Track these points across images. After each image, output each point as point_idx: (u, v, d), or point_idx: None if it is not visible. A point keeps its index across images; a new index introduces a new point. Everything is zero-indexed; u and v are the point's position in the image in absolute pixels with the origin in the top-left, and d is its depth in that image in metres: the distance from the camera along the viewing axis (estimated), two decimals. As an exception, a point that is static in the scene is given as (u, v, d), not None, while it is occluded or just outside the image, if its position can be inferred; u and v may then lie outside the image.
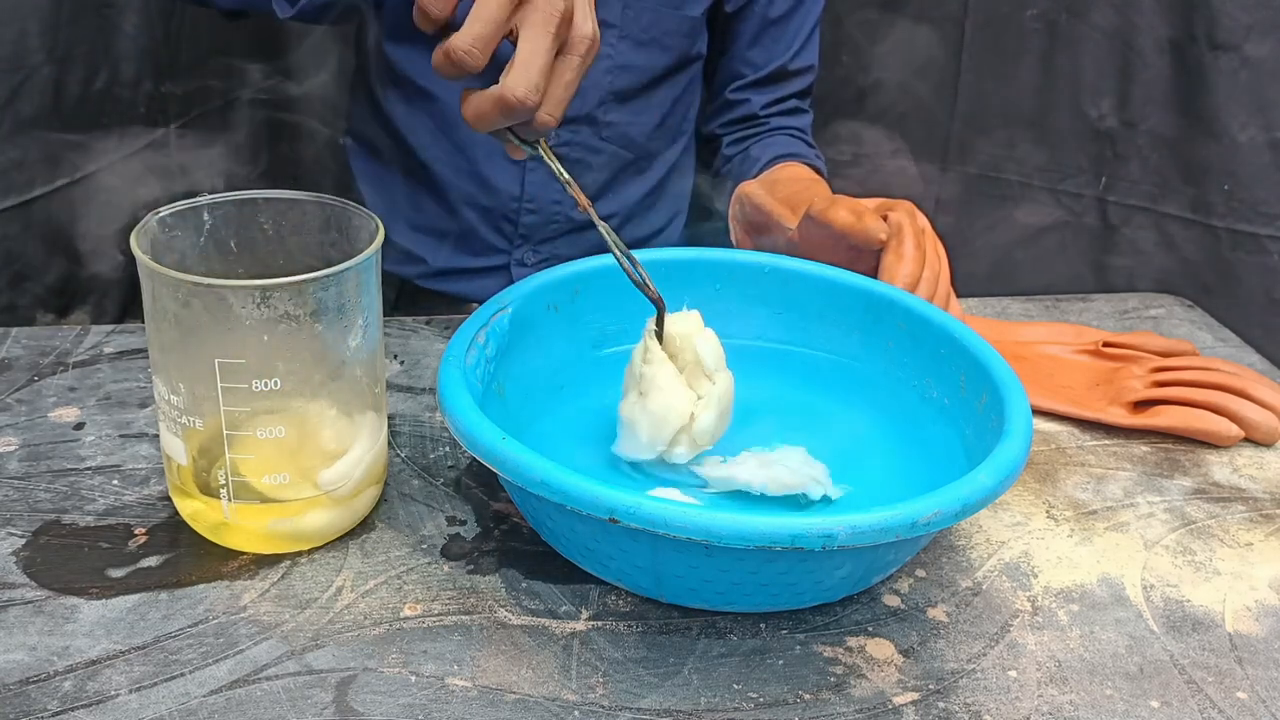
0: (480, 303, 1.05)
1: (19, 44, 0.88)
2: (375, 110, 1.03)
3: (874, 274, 0.73)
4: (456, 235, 1.03)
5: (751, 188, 0.89)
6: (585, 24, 0.56)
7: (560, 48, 0.55)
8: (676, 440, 0.61)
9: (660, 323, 0.61)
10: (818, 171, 1.02)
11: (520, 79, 0.53)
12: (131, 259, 0.52)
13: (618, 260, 0.59)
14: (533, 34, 0.54)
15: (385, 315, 0.60)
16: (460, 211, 1.02)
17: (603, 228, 0.59)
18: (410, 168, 1.02)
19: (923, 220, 0.76)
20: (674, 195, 1.12)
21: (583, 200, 0.58)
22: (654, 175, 1.08)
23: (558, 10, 0.54)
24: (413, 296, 1.06)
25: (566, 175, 0.58)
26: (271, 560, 0.57)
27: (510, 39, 0.55)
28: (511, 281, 1.04)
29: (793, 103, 1.07)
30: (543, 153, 0.58)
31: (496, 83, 0.54)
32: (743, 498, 0.61)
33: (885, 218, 0.75)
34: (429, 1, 0.54)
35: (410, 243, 1.04)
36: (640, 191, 1.07)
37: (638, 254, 0.71)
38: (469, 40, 0.53)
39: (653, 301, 0.61)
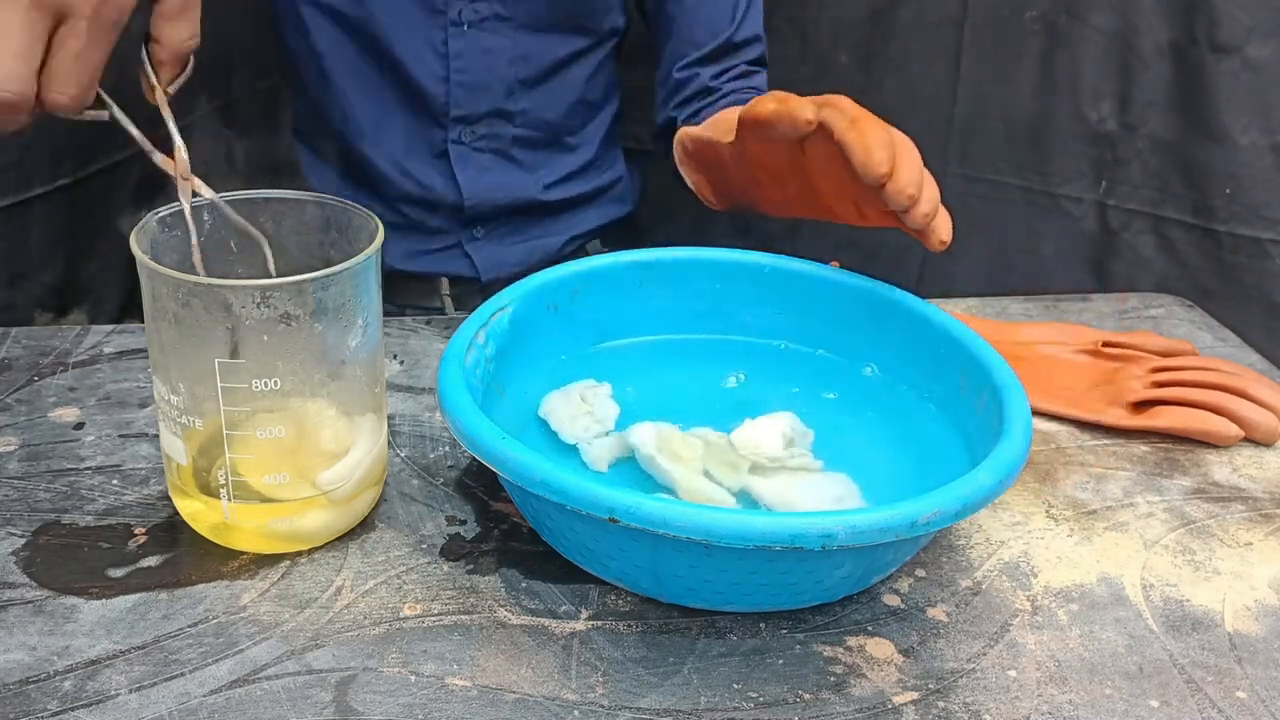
0: (439, 276, 1.05)
1: None
2: (310, 106, 1.03)
3: (820, 167, 0.68)
4: (405, 228, 1.04)
5: (688, 127, 0.86)
6: None
7: (59, 16, 0.50)
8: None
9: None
10: None
11: None
12: (129, 259, 0.52)
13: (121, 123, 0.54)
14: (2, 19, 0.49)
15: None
16: (403, 208, 1.02)
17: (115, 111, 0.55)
18: (350, 164, 1.03)
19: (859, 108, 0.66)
20: (607, 160, 1.11)
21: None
22: (586, 150, 1.07)
23: None
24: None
25: (128, 123, 0.55)
26: (271, 560, 0.57)
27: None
28: (468, 257, 1.04)
29: (743, 68, 1.03)
30: (112, 111, 0.54)
31: None
32: (744, 498, 0.61)
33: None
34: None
35: None
36: (577, 164, 1.07)
37: (626, 254, 0.71)
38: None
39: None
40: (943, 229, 0.64)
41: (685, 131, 0.86)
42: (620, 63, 1.11)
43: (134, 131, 0.55)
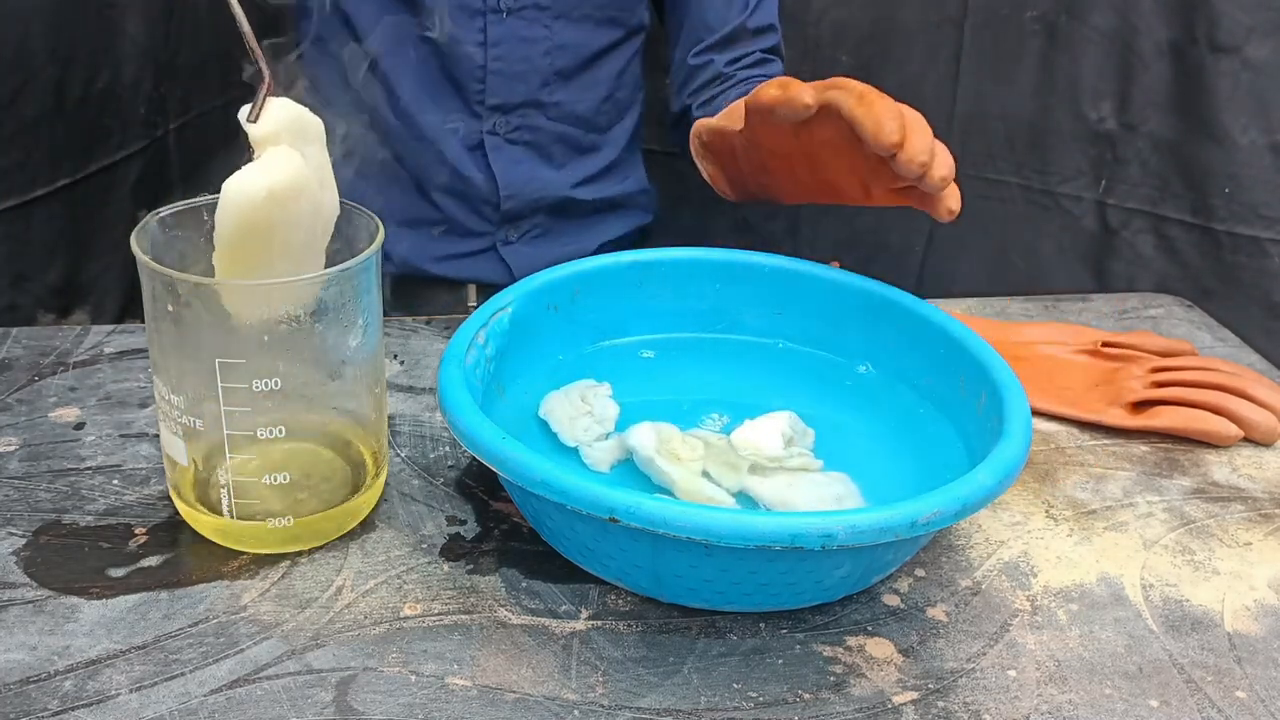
0: (469, 282, 1.05)
1: (21, 45, 0.88)
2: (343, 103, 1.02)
3: (827, 148, 0.68)
4: (441, 226, 1.03)
5: (703, 118, 0.88)
6: None
7: None
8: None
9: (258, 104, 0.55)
10: None
11: None
12: (131, 259, 0.52)
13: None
14: None
15: (385, 310, 0.59)
16: (439, 201, 1.02)
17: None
18: (382, 161, 1.02)
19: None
20: (630, 164, 1.13)
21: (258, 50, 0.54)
22: (610, 151, 1.09)
23: None
24: (404, 284, 1.06)
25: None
26: (271, 560, 0.57)
27: None
28: (503, 261, 1.04)
29: (758, 55, 1.04)
30: None
31: None
32: (744, 499, 0.61)
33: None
34: None
35: (391, 241, 1.03)
36: (601, 164, 1.08)
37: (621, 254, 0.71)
38: None
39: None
40: (951, 198, 0.64)
41: (701, 123, 0.87)
42: (644, 63, 1.11)
43: None
